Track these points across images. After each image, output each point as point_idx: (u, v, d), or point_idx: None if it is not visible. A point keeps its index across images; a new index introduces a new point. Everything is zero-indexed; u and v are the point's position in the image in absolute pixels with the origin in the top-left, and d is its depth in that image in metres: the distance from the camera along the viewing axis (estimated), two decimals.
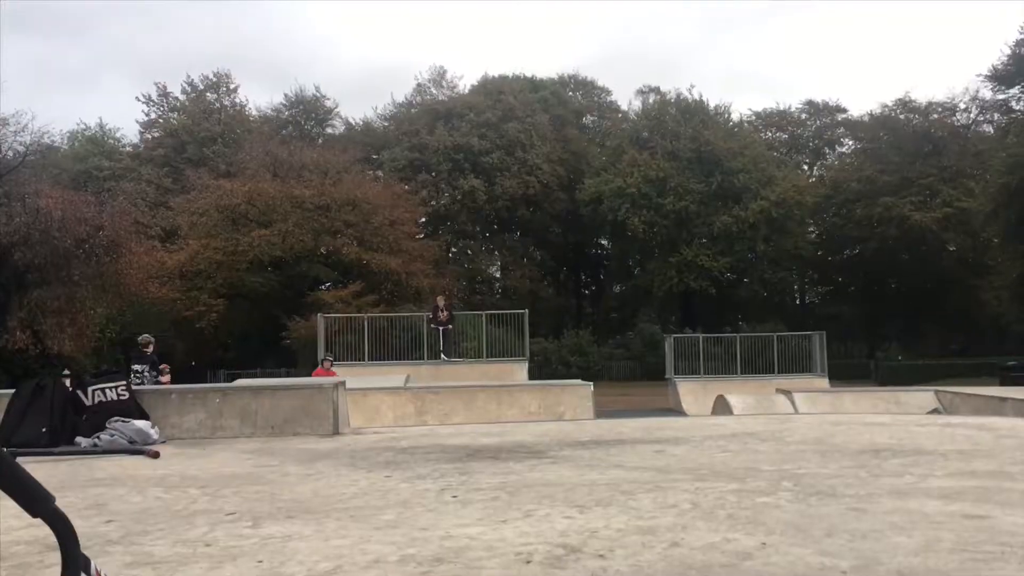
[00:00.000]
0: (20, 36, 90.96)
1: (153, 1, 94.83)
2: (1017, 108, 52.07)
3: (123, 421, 6.94)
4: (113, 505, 3.92)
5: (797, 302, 67.26)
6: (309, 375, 25.24)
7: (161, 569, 2.63)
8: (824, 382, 27.50)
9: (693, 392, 26.80)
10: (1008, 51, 49.13)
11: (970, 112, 61.07)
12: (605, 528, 3.01)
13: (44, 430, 6.76)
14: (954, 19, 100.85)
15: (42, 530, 1.60)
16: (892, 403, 16.18)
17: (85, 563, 1.27)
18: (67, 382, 7.59)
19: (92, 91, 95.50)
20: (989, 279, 50.79)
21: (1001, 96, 52.77)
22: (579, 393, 16.01)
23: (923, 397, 16.39)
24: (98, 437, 6.81)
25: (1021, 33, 48.60)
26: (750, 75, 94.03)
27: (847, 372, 42.79)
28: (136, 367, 15.70)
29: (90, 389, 7.15)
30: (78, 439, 6.84)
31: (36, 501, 1.23)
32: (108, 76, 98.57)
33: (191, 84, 60.00)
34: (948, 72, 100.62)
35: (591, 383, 17.00)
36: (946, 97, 60.26)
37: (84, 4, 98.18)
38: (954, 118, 60.32)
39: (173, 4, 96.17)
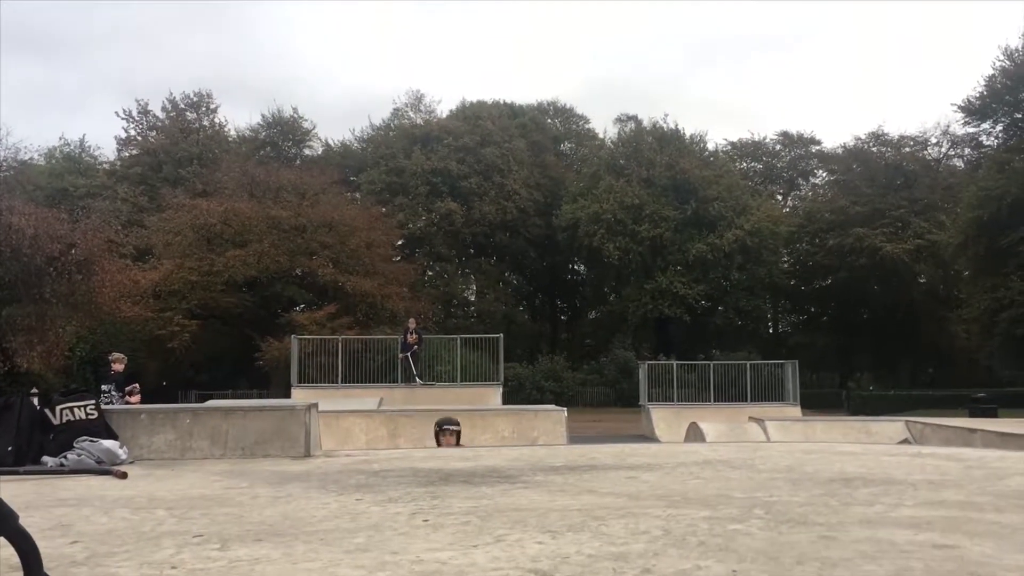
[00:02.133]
0: (17, 57, 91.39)
1: (149, 26, 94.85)
2: (988, 143, 53.08)
3: (91, 441, 6.85)
4: (79, 526, 3.86)
5: (771, 331, 67.76)
6: (282, 396, 25.08)
7: None
8: (796, 411, 27.68)
9: (666, 419, 26.86)
10: (982, 85, 50.13)
11: (941, 146, 62.18)
12: (577, 554, 3.00)
13: (10, 449, 6.65)
14: (927, 54, 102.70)
15: (6, 550, 1.57)
16: (863, 433, 16.29)
17: None
18: (35, 400, 7.48)
19: (84, 112, 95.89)
20: (959, 311, 51.43)
21: (973, 129, 53.81)
22: (552, 418, 15.98)
23: (893, 427, 16.52)
24: (65, 456, 6.71)
25: (995, 68, 49.66)
26: (726, 106, 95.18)
27: (819, 401, 43.10)
28: (103, 387, 15.52)
29: (58, 408, 7.05)
30: (45, 458, 6.74)
31: (0, 519, 1.21)
32: (100, 98, 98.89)
33: (172, 103, 59.78)
34: (920, 106, 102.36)
35: (565, 409, 16.99)
36: (918, 131, 61.41)
37: (82, 28, 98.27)
38: (925, 152, 61.39)
39: (168, 30, 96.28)
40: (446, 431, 9.15)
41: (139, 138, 60.41)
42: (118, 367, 16.12)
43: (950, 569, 2.69)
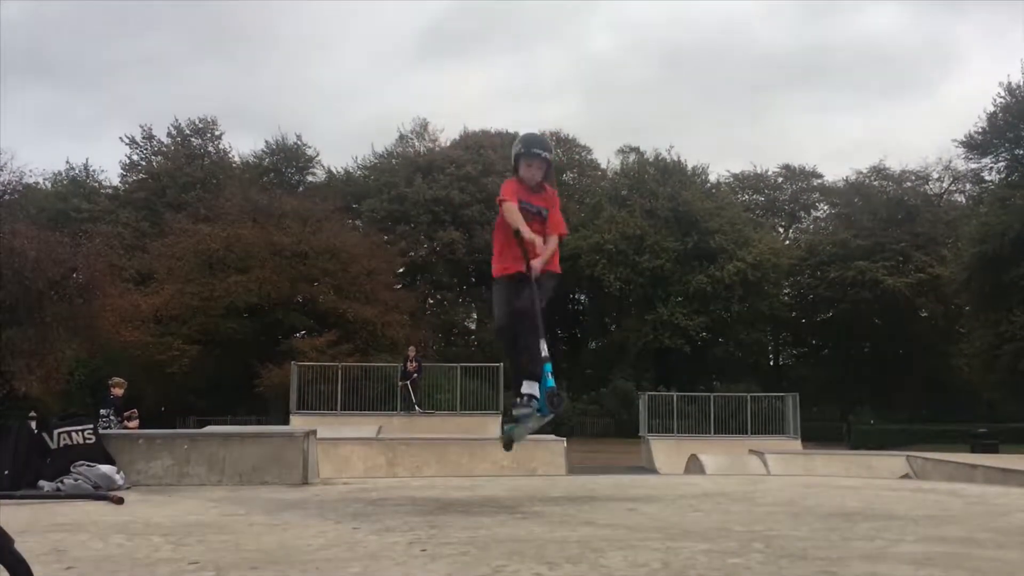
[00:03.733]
0: (35, 85, 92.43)
1: (160, 57, 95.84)
2: (990, 178, 53.31)
3: (88, 465, 6.82)
4: (74, 551, 3.83)
5: (771, 363, 67.63)
6: (281, 423, 24.99)
7: None
8: (797, 444, 27.55)
9: (666, 451, 26.71)
10: (984, 120, 50.41)
11: (943, 181, 62.43)
12: None
13: (6, 472, 6.62)
14: (929, 89, 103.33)
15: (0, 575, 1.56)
16: (864, 467, 16.20)
17: None
18: (32, 424, 7.46)
19: (97, 139, 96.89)
20: (960, 346, 51.36)
21: (974, 165, 54.07)
22: (552, 449, 15.91)
23: (894, 462, 16.42)
24: (62, 481, 6.68)
25: (996, 104, 49.96)
26: (729, 139, 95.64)
27: (819, 434, 42.87)
28: (102, 411, 15.47)
29: (56, 432, 7.02)
30: (41, 483, 6.70)
31: None
32: (112, 126, 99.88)
33: (177, 128, 60.11)
34: (922, 142, 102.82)
35: (564, 439, 16.91)
36: (919, 166, 61.69)
37: (97, 58, 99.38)
38: (927, 186, 61.67)
39: (178, 60, 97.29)
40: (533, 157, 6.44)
41: (143, 163, 60.69)
42: (117, 392, 16.08)
43: None
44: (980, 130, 50.59)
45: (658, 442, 28.12)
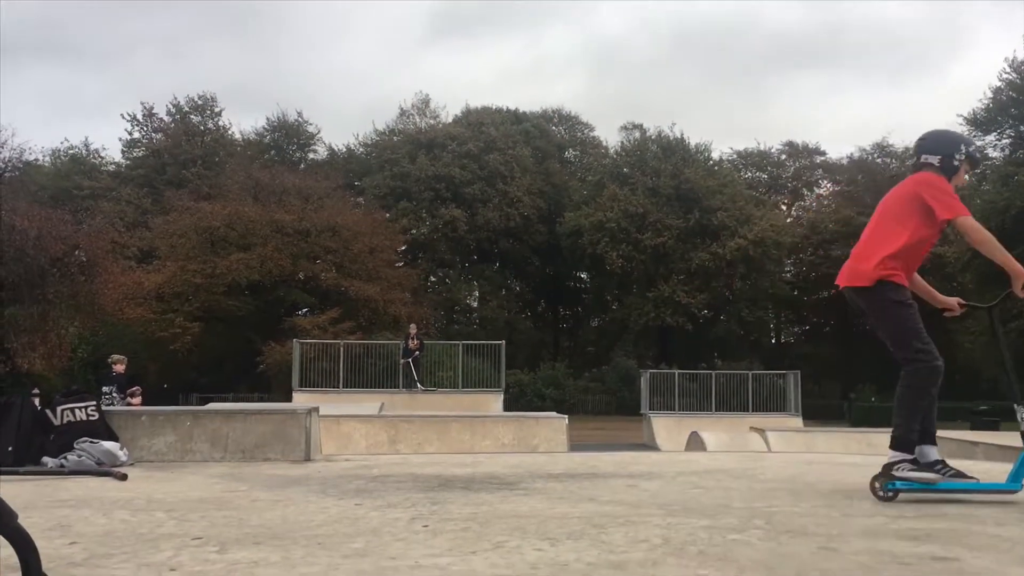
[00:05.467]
0: (41, 65, 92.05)
1: (166, 36, 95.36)
2: (994, 155, 53.04)
3: (91, 442, 6.85)
4: (78, 527, 3.86)
5: (773, 341, 67.67)
6: (283, 400, 25.08)
7: None
8: (798, 421, 27.64)
9: (667, 428, 26.82)
10: (988, 97, 50.09)
11: None
12: (576, 561, 2.99)
13: (10, 449, 6.65)
14: (934, 66, 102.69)
15: (4, 550, 1.56)
16: (864, 444, 16.24)
17: None
18: (36, 401, 7.49)
19: (100, 119, 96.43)
20: (963, 324, 51.30)
21: (979, 142, 53.74)
22: (553, 426, 15.96)
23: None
24: (65, 457, 6.71)
25: (1001, 80, 49.64)
26: (734, 119, 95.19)
27: (821, 412, 42.96)
28: (104, 388, 15.52)
29: (59, 409, 7.05)
30: (45, 459, 6.74)
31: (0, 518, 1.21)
32: (116, 105, 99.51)
33: (176, 106, 59.90)
34: (926, 119, 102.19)
35: (566, 416, 16.97)
36: None
37: (107, 37, 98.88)
38: None
39: (183, 38, 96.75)
40: (977, 163, 6.12)
41: (144, 140, 60.56)
42: (119, 368, 16.13)
43: None
44: (984, 107, 50.30)
45: (659, 419, 28.22)
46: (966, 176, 5.27)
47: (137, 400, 15.77)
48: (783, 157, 69.33)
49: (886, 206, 5.18)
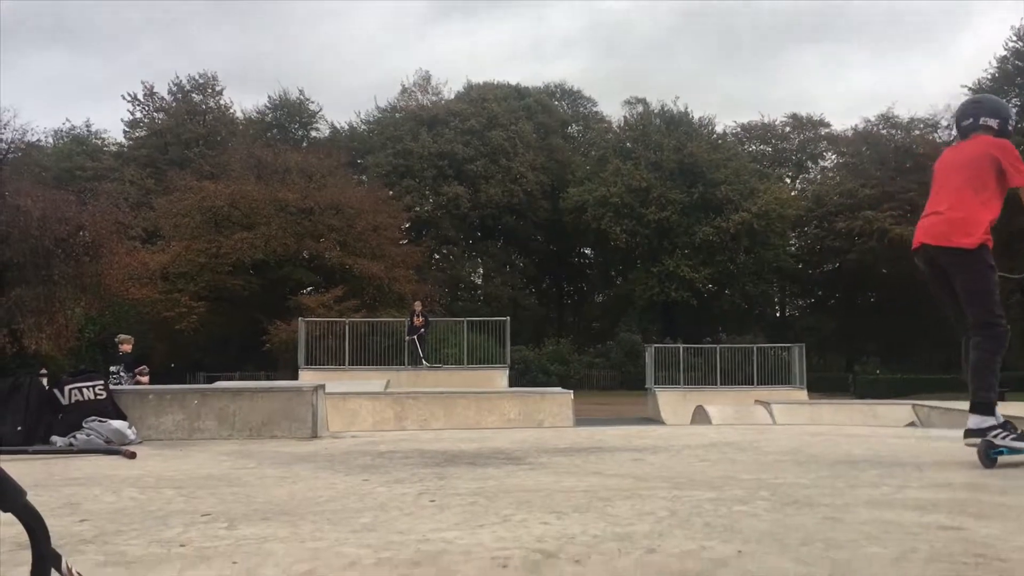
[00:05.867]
0: (41, 47, 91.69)
1: (169, 20, 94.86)
2: None
3: (100, 421, 6.88)
4: (87, 505, 3.88)
5: (777, 314, 67.64)
6: (289, 379, 25.16)
7: (135, 568, 2.60)
8: (803, 394, 27.69)
9: (672, 402, 26.89)
10: (994, 66, 49.75)
11: (951, 129, 61.60)
12: (582, 534, 3.00)
13: (19, 428, 6.69)
14: (938, 35, 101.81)
15: (14, 528, 1.57)
16: (869, 416, 16.28)
17: (56, 560, 1.26)
18: (44, 381, 7.52)
19: (104, 100, 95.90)
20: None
21: None
22: (559, 401, 16.01)
23: (900, 410, 16.50)
24: (74, 436, 6.75)
25: (1007, 49, 49.28)
26: (736, 89, 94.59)
27: (826, 385, 43.05)
28: (112, 368, 15.59)
29: (67, 388, 7.08)
30: (53, 438, 6.78)
31: (7, 495, 1.22)
32: (120, 87, 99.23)
33: (178, 85, 59.71)
34: (931, 89, 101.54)
35: (571, 391, 17.00)
36: (928, 114, 61.00)
37: (106, 18, 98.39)
38: (936, 134, 60.97)
39: (191, 19, 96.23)
40: None
41: (145, 120, 60.43)
42: (126, 348, 16.19)
43: (956, 550, 2.69)
44: (990, 76, 49.98)
45: (664, 394, 28.29)
46: None
47: (146, 379, 15.84)
48: (787, 130, 68.97)
49: (960, 167, 5.12)
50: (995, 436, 4.72)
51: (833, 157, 67.96)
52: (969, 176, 5.00)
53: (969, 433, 4.83)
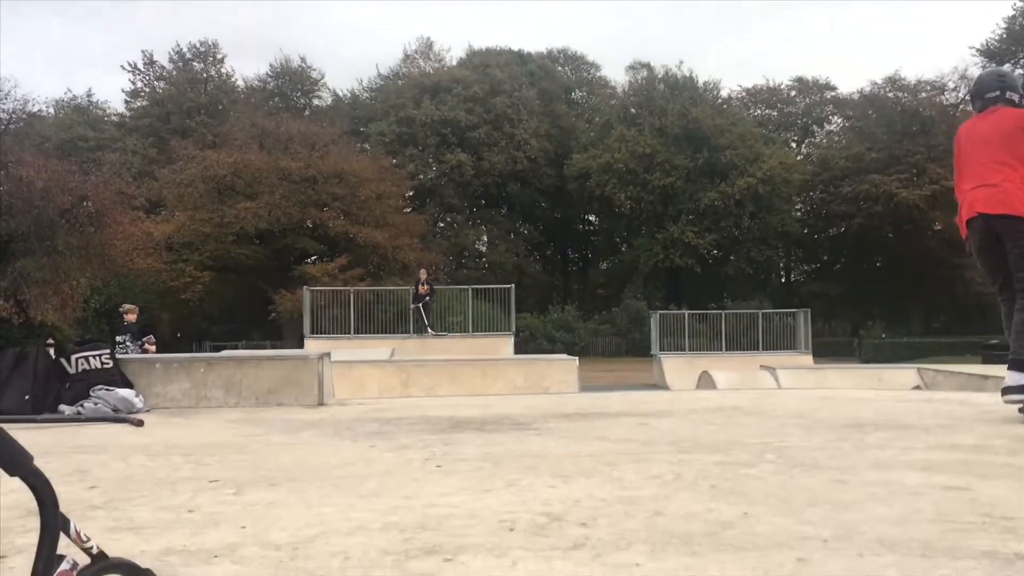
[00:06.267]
0: (39, 16, 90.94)
1: None
2: None
3: (107, 389, 6.91)
4: (96, 471, 3.90)
5: (783, 280, 67.57)
6: (295, 348, 25.25)
7: (144, 534, 2.62)
8: (808, 359, 27.70)
9: (678, 368, 26.91)
10: (1002, 27, 49.19)
11: (959, 91, 61.14)
12: (588, 498, 3.01)
13: (27, 398, 6.72)
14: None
15: (23, 495, 1.58)
16: (875, 380, 16.30)
17: (64, 524, 1.26)
18: (50, 351, 7.55)
19: (104, 71, 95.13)
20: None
21: None
22: (564, 367, 16.06)
23: (906, 374, 16.53)
24: (82, 405, 6.79)
25: (1015, 9, 48.71)
26: (740, 52, 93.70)
27: (831, 350, 43.11)
28: (118, 337, 15.64)
29: (73, 357, 7.11)
30: (61, 407, 6.81)
31: (15, 460, 1.21)
32: (120, 57, 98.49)
33: (179, 53, 59.32)
34: (938, 50, 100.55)
35: (576, 358, 17.04)
36: (935, 76, 60.44)
37: None
38: (943, 97, 60.45)
39: None
40: None
41: (146, 90, 60.13)
42: (131, 317, 16.24)
43: (961, 510, 2.70)
44: (998, 36, 49.42)
45: (670, 360, 28.31)
46: None
47: (153, 348, 15.92)
48: (793, 93, 68.43)
49: (995, 140, 5.31)
50: None
51: (839, 121, 67.48)
52: (1010, 150, 5.22)
53: (1009, 390, 5.03)
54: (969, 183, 5.40)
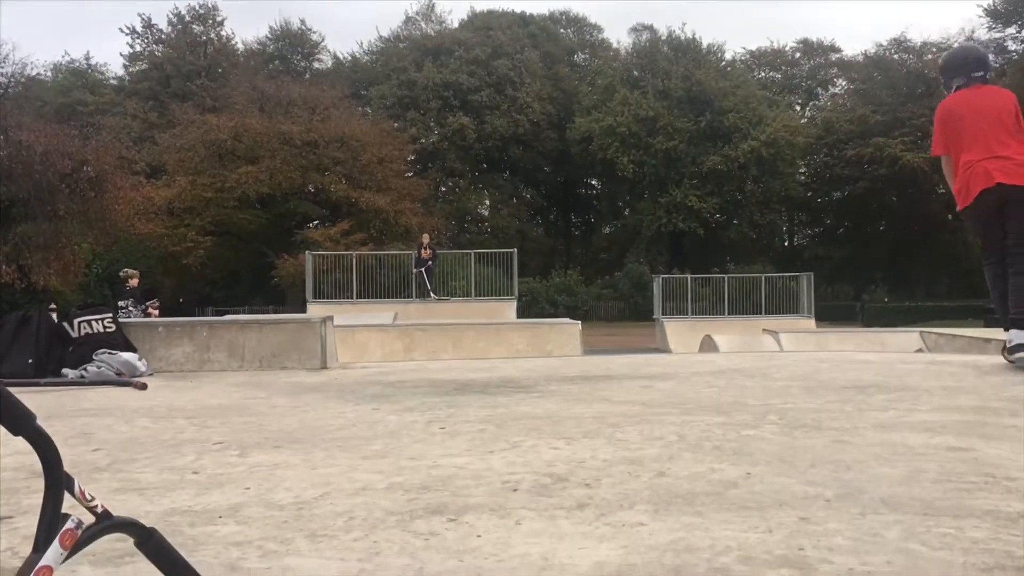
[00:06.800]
0: None
1: None
2: (1013, 48, 51.80)
3: (110, 353, 6.92)
4: (100, 434, 3.92)
5: (786, 244, 67.49)
6: (298, 313, 25.27)
7: (149, 494, 2.63)
8: (811, 323, 27.72)
9: (680, 332, 26.94)
10: None
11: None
12: (592, 458, 3.02)
13: (30, 361, 6.74)
14: None
15: (28, 458, 1.58)
16: (877, 344, 16.32)
17: (68, 482, 1.26)
18: (53, 316, 7.55)
19: (101, 34, 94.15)
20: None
21: (997, 34, 52.47)
22: (567, 331, 16.09)
23: (908, 338, 16.53)
24: (85, 369, 6.80)
25: None
26: (745, 12, 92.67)
27: (834, 314, 43.12)
28: (121, 302, 15.68)
29: (76, 321, 7.11)
30: (65, 371, 6.83)
31: (18, 419, 1.21)
32: (118, 20, 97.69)
33: (178, 16, 58.80)
34: (944, 11, 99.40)
35: (579, 322, 17.06)
36: (941, 37, 59.83)
37: None
38: None
39: None
40: None
41: (145, 53, 59.69)
42: (133, 283, 16.29)
43: (964, 470, 2.70)
44: None
45: (672, 324, 28.33)
46: None
47: (156, 312, 15.98)
48: (797, 55, 67.89)
49: (998, 115, 5.63)
50: None
51: (844, 83, 66.98)
52: (1012, 125, 5.59)
53: (1017, 348, 5.49)
54: (976, 154, 5.57)
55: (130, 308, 15.30)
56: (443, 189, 62.04)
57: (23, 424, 1.21)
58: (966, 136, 5.63)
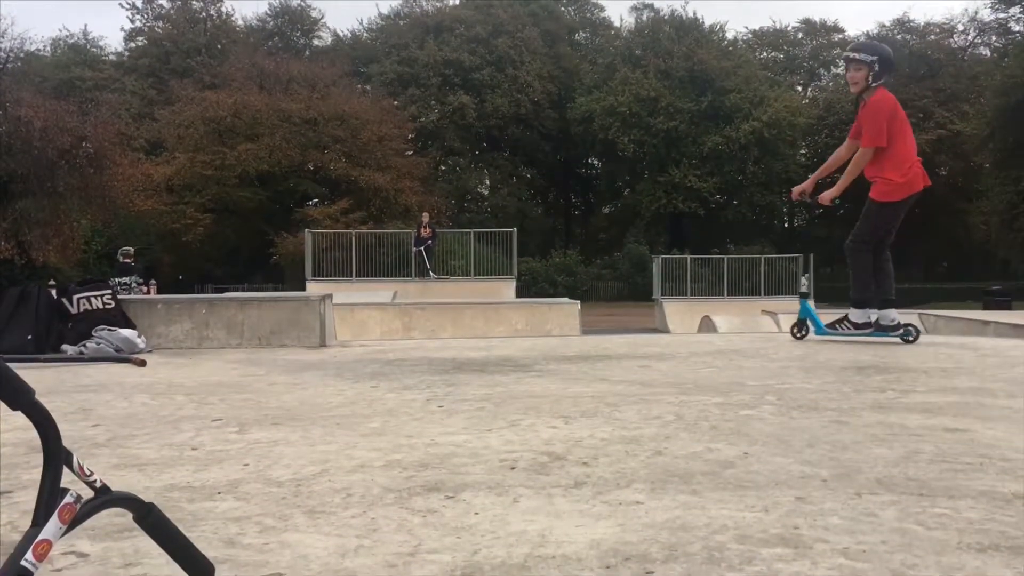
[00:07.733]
0: None
1: None
2: (1016, 29, 51.56)
3: (109, 330, 6.93)
4: (99, 410, 3.93)
5: (785, 225, 67.39)
6: (297, 291, 25.29)
7: (148, 470, 2.64)
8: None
9: (679, 313, 26.97)
10: None
11: (968, 34, 60.34)
12: (590, 438, 3.03)
13: (30, 337, 6.74)
14: None
15: (27, 433, 1.58)
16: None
17: (67, 457, 1.26)
18: (52, 292, 7.55)
19: (100, 9, 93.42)
20: (978, 204, 50.81)
21: (1001, 15, 52.19)
22: (566, 311, 16.09)
23: (906, 320, 16.51)
24: (84, 345, 6.80)
25: None
26: None
27: (833, 295, 42.96)
28: (125, 279, 15.69)
29: (75, 297, 7.11)
30: (64, 347, 6.83)
31: (17, 394, 1.21)
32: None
33: None
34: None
35: (578, 302, 17.07)
36: (944, 18, 59.64)
37: None
38: (951, 40, 59.62)
39: None
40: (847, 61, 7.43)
41: (145, 29, 59.36)
42: (131, 260, 16.33)
43: (960, 451, 2.71)
44: None
45: (671, 304, 28.36)
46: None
47: (153, 290, 16.01)
48: (800, 36, 67.52)
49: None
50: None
51: None
52: None
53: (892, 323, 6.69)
54: (914, 154, 6.50)
55: (131, 285, 15.32)
56: (443, 168, 61.88)
57: (21, 399, 1.21)
58: (908, 135, 6.35)
